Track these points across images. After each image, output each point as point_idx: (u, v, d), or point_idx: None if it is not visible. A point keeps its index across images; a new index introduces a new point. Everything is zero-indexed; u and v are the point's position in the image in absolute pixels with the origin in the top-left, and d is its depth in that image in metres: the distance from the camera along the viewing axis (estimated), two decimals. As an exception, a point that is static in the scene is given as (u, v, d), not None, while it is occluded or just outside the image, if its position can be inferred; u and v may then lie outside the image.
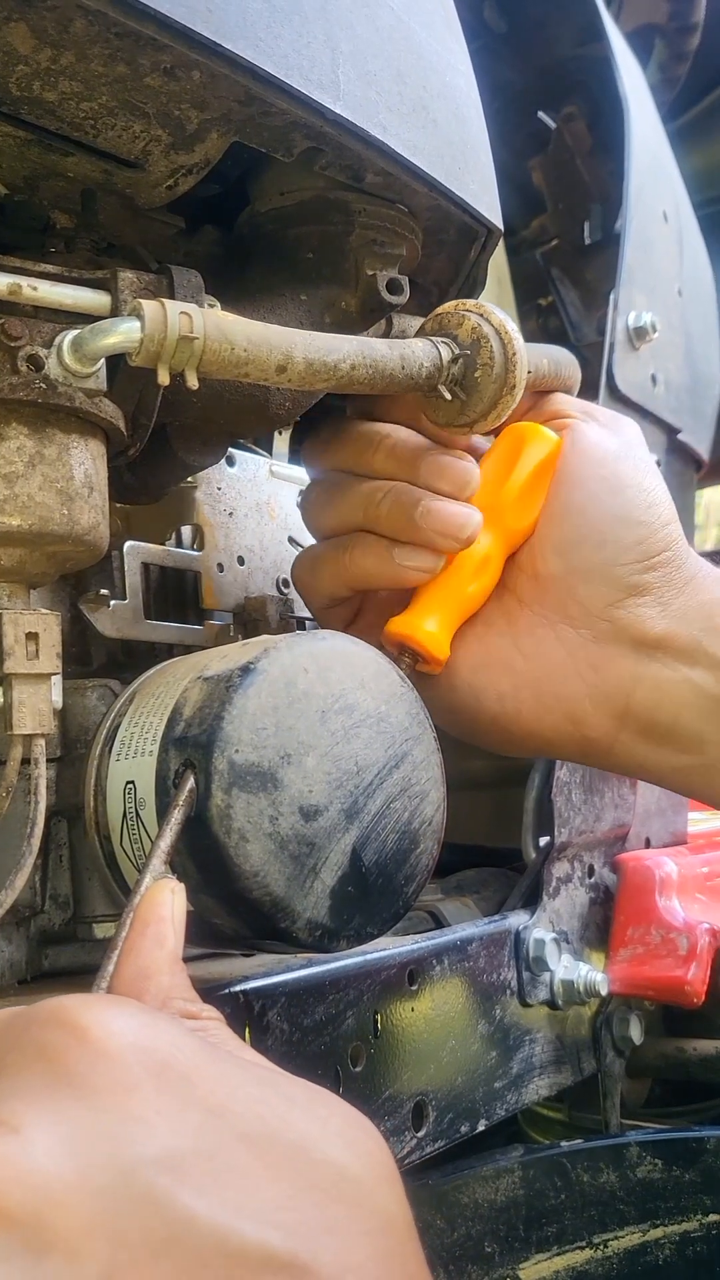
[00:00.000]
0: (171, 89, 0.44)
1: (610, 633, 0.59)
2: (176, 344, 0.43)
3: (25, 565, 0.47)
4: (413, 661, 0.59)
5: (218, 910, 0.44)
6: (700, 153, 1.34)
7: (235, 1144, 0.30)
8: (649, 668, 0.59)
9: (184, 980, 0.38)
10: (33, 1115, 0.29)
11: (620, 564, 0.59)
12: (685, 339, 0.95)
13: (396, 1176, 0.33)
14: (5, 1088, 0.30)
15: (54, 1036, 0.31)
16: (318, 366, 0.47)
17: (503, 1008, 0.68)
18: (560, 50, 1.02)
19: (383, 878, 0.46)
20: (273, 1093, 0.32)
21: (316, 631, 0.49)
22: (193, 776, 0.43)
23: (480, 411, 0.55)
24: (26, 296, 0.45)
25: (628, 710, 0.59)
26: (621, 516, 0.60)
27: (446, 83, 0.56)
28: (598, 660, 0.59)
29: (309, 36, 0.47)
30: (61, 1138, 0.28)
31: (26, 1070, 0.30)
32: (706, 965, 0.76)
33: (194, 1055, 0.32)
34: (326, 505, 0.61)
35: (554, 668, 0.60)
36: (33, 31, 0.41)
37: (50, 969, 0.53)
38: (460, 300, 0.56)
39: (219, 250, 0.59)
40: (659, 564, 0.60)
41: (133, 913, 0.39)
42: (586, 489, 0.61)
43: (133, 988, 0.37)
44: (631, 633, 0.59)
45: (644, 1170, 0.72)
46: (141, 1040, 0.31)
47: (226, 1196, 0.28)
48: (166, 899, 0.39)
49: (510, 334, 0.54)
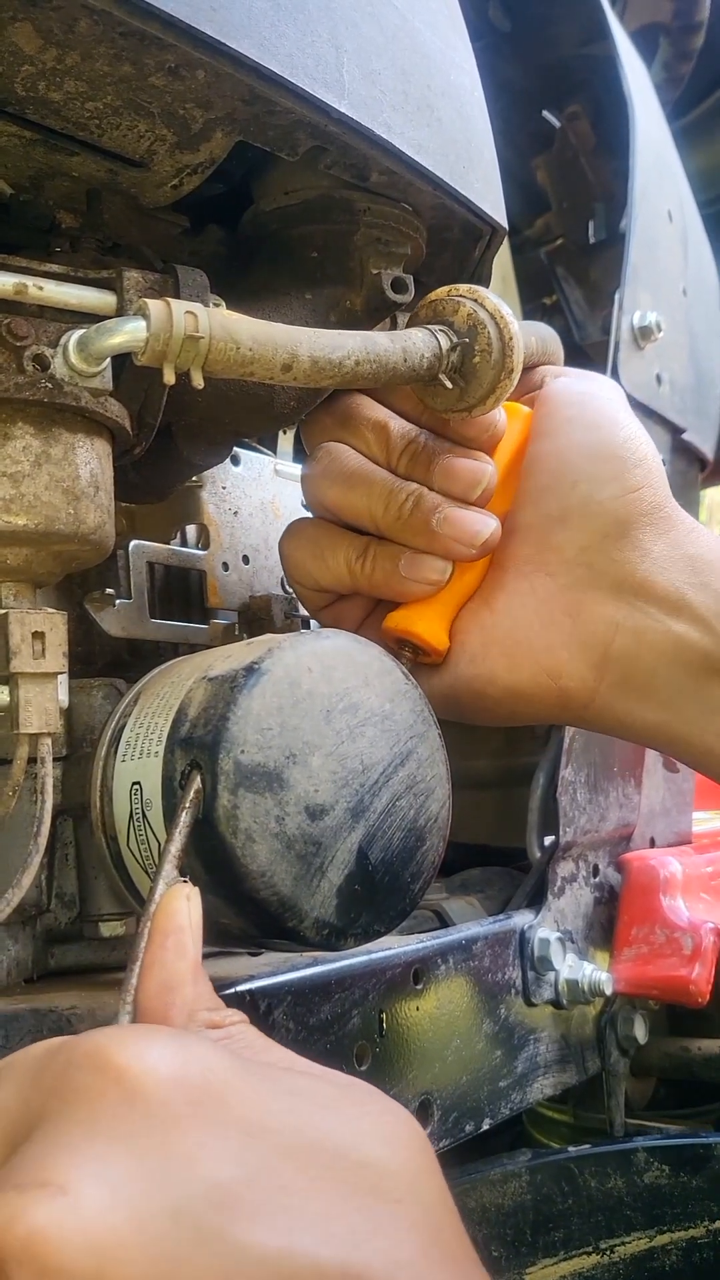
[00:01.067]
0: (176, 88, 0.44)
1: (588, 578, 0.57)
2: (182, 343, 0.43)
3: (31, 564, 0.47)
4: (413, 655, 0.58)
5: (225, 910, 0.44)
6: (705, 151, 1.34)
7: (277, 1162, 0.30)
8: (629, 615, 0.57)
9: (207, 988, 0.38)
10: (79, 1171, 0.29)
11: (596, 500, 0.57)
12: (690, 338, 0.95)
13: (434, 1160, 0.34)
14: (49, 1141, 0.30)
15: (91, 1080, 0.31)
16: (323, 364, 0.48)
17: (507, 1007, 0.68)
18: (564, 49, 1.02)
19: (389, 875, 0.46)
20: (305, 1101, 0.33)
21: (320, 631, 0.49)
22: (199, 778, 0.43)
23: (479, 396, 0.55)
24: (32, 296, 0.45)
25: (606, 659, 0.57)
26: (594, 453, 0.58)
27: (451, 81, 0.56)
28: (574, 606, 0.57)
29: (313, 35, 0.47)
30: (111, 1190, 0.29)
31: (67, 1120, 0.30)
32: (711, 965, 0.76)
33: (226, 1075, 0.32)
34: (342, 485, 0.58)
35: (527, 618, 0.58)
36: (38, 31, 0.41)
37: (56, 967, 0.53)
38: (453, 285, 0.55)
39: (224, 250, 0.59)
40: (636, 501, 0.57)
41: (150, 922, 0.39)
42: (557, 433, 0.59)
43: (158, 1002, 0.37)
44: (610, 577, 0.57)
45: (651, 1176, 0.72)
46: (175, 1072, 0.31)
47: (276, 1221, 0.29)
48: (183, 906, 0.39)
49: (505, 319, 0.54)
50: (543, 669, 0.58)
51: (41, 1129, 0.31)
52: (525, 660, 0.58)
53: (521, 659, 0.58)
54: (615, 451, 0.58)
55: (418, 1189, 0.32)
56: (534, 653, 0.58)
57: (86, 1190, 0.28)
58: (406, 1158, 0.32)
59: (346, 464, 0.58)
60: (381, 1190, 0.31)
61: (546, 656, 0.57)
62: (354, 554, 0.58)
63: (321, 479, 0.58)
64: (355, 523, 0.58)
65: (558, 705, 0.59)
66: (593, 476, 0.58)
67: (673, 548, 0.57)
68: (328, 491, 0.58)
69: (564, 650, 0.57)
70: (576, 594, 0.57)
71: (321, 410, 0.60)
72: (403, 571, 0.57)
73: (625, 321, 0.84)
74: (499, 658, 0.58)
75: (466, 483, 0.56)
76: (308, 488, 0.60)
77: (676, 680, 0.57)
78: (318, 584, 0.60)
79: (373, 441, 0.58)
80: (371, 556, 0.58)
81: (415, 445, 0.57)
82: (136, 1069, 0.31)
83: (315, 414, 0.60)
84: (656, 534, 0.57)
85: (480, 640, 0.58)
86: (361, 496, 0.57)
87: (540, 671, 0.58)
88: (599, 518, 0.57)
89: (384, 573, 0.57)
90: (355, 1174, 0.31)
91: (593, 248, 1.07)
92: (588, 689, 0.58)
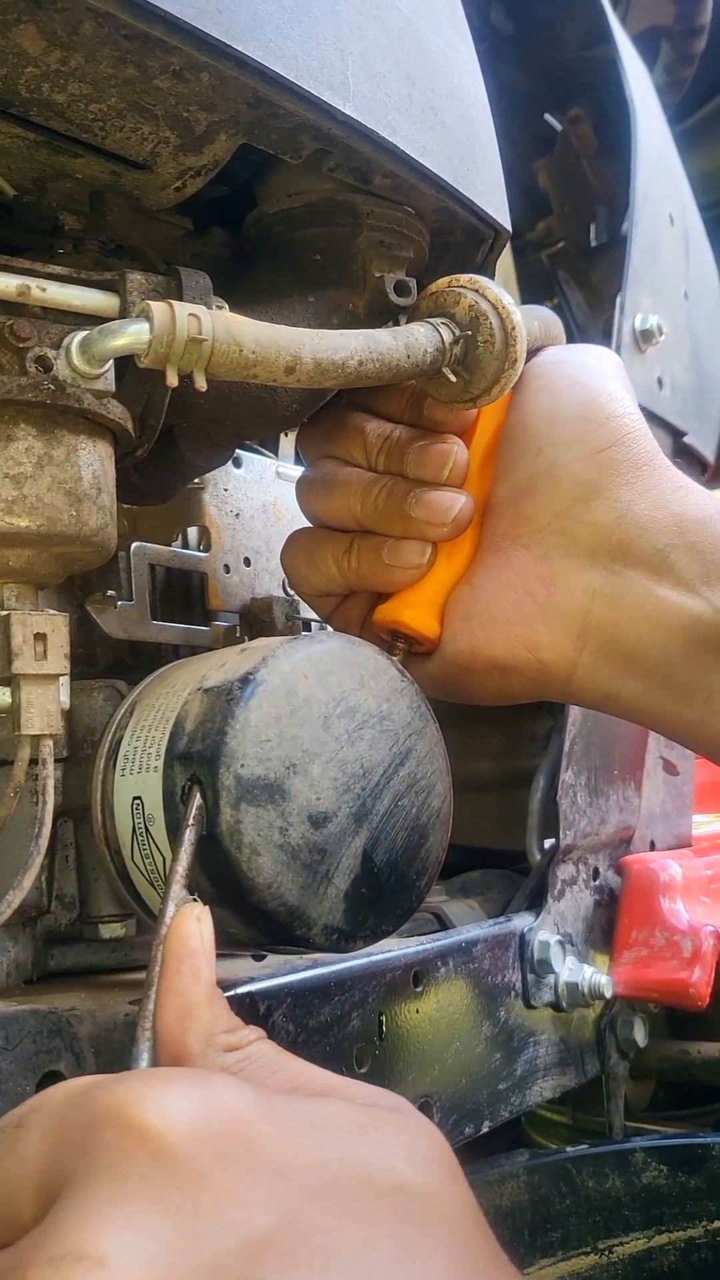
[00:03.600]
0: (180, 91, 0.44)
1: (562, 546, 0.56)
2: (185, 345, 0.43)
3: (33, 566, 0.47)
4: (406, 646, 0.59)
5: (233, 921, 0.44)
6: (706, 155, 1.34)
7: (307, 1205, 0.31)
8: (607, 581, 0.55)
9: (224, 1011, 0.38)
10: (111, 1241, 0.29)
11: (561, 464, 0.56)
12: (691, 341, 0.95)
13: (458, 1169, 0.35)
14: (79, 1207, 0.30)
15: (115, 1139, 0.31)
16: (326, 365, 0.47)
17: (507, 1010, 0.68)
18: (566, 52, 1.02)
19: (395, 875, 0.46)
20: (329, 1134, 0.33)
21: (314, 634, 0.49)
22: (200, 793, 0.43)
23: (483, 387, 0.55)
24: (35, 298, 0.45)
25: (585, 628, 0.55)
26: (558, 416, 0.57)
27: (455, 84, 0.56)
28: (548, 575, 0.56)
29: (318, 38, 0.47)
30: (146, 1258, 0.29)
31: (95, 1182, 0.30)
32: (711, 968, 0.76)
33: (249, 1118, 0.32)
34: (323, 493, 0.60)
35: (503, 591, 0.57)
36: (42, 33, 0.41)
37: (56, 969, 0.53)
38: (453, 276, 0.55)
39: (227, 252, 0.59)
40: (608, 460, 0.55)
41: (163, 945, 0.39)
42: (522, 404, 0.59)
43: (177, 1029, 0.37)
44: (585, 542, 0.55)
45: (649, 1176, 0.72)
46: (198, 1124, 0.31)
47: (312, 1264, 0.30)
48: (194, 930, 0.39)
49: (507, 308, 0.54)
50: (520, 641, 0.56)
51: (70, 1191, 0.30)
52: (502, 633, 0.57)
53: (498, 632, 0.57)
54: (579, 412, 0.57)
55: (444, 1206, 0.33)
56: (510, 625, 0.57)
57: (122, 1260, 0.28)
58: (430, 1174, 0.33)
59: (329, 473, 0.60)
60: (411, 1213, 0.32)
61: (523, 628, 0.56)
62: (340, 551, 0.59)
63: (307, 492, 0.61)
64: (341, 525, 0.60)
65: (539, 677, 0.57)
66: (556, 440, 0.57)
67: (656, 507, 0.55)
68: (314, 502, 0.60)
69: (540, 621, 0.56)
70: (552, 563, 0.56)
71: (309, 427, 0.62)
72: (386, 560, 0.57)
73: (626, 324, 0.84)
74: (477, 631, 0.57)
75: (436, 465, 0.57)
76: (300, 504, 0.62)
77: (662, 648, 0.54)
78: (315, 588, 0.61)
79: (353, 448, 0.59)
80: (356, 551, 0.59)
81: (390, 441, 0.58)
82: (159, 1126, 0.31)
83: (305, 432, 0.62)
84: (637, 492, 0.55)
85: (461, 616, 0.58)
86: (342, 498, 0.59)
87: (518, 644, 0.57)
88: (566, 482, 0.56)
89: (369, 563, 0.58)
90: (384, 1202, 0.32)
91: (594, 251, 1.07)
92: (568, 660, 0.56)
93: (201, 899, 0.41)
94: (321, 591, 0.61)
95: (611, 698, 0.57)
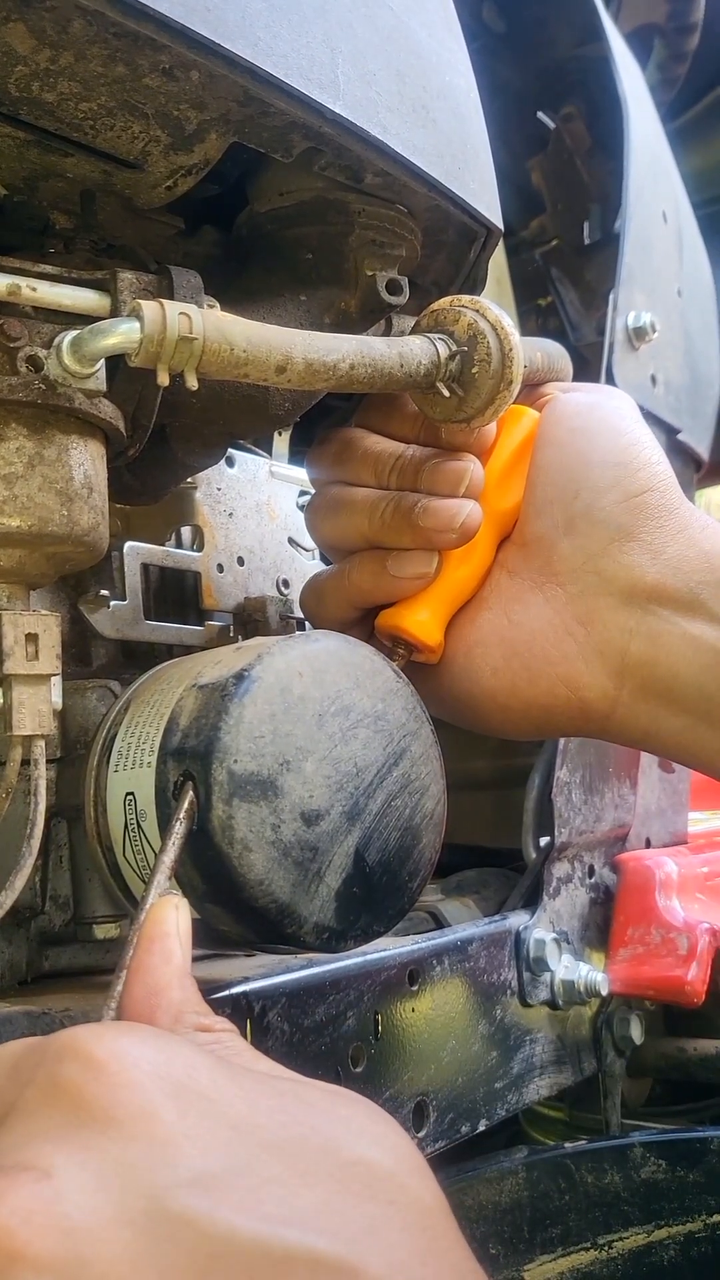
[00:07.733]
0: (170, 89, 0.44)
1: (598, 585, 0.57)
2: (176, 344, 0.43)
3: (25, 566, 0.47)
4: (407, 653, 0.58)
5: (225, 918, 0.44)
6: (699, 153, 1.34)
7: (265, 1155, 0.30)
8: (643, 620, 0.57)
9: (194, 994, 0.38)
10: (61, 1156, 0.28)
11: (598, 508, 0.57)
12: (685, 339, 0.95)
13: (425, 1165, 0.33)
14: (30, 1129, 0.30)
15: (70, 1071, 0.30)
16: (317, 366, 0.47)
17: (503, 1008, 0.68)
18: (559, 50, 1.02)
19: (387, 875, 0.46)
20: (293, 1101, 0.32)
21: (310, 633, 0.49)
22: (192, 788, 0.43)
23: (477, 407, 0.55)
24: (26, 297, 0.44)
25: (624, 667, 0.57)
26: (594, 460, 0.58)
27: (446, 82, 0.56)
28: (586, 615, 0.57)
29: (308, 36, 0.47)
30: (93, 1175, 0.28)
31: (48, 1109, 0.30)
32: (706, 965, 0.76)
33: (211, 1073, 0.32)
34: (331, 515, 0.60)
35: (543, 629, 0.58)
36: (31, 32, 0.41)
37: (50, 970, 0.53)
38: (455, 296, 0.56)
39: (218, 251, 0.59)
40: (641, 505, 0.57)
41: (138, 931, 0.39)
42: (558, 444, 0.60)
43: (144, 1006, 0.37)
44: (620, 583, 0.57)
45: (648, 1171, 0.72)
46: (157, 1065, 0.31)
47: (265, 1208, 0.28)
48: (170, 914, 0.39)
49: (506, 330, 0.54)
50: (561, 680, 0.58)
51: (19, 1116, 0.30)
52: (543, 671, 0.58)
53: (539, 670, 0.58)
54: (616, 459, 0.58)
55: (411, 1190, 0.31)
56: (551, 663, 0.58)
57: (70, 1176, 0.28)
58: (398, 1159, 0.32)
59: (337, 495, 0.60)
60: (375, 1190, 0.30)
61: (564, 666, 0.58)
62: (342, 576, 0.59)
63: (315, 514, 0.61)
64: (350, 546, 0.60)
65: (580, 716, 0.59)
66: (594, 485, 0.58)
67: (684, 547, 0.57)
68: (322, 524, 0.61)
69: (580, 660, 0.58)
70: (588, 602, 0.58)
71: (317, 450, 0.62)
72: (390, 570, 0.57)
73: (620, 322, 0.84)
74: (520, 670, 0.58)
75: (451, 482, 0.57)
76: (309, 528, 0.62)
77: (700, 683, 0.56)
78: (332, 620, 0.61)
79: (363, 470, 0.59)
80: (357, 564, 0.59)
81: (403, 460, 0.59)
82: (115, 1062, 0.30)
83: (312, 456, 0.62)
84: (667, 536, 0.57)
85: (501, 654, 0.59)
86: (349, 515, 0.59)
87: (558, 682, 0.58)
88: (603, 525, 0.57)
89: (371, 575, 0.58)
90: (347, 1172, 0.30)
91: (588, 249, 1.07)
92: (608, 698, 0.58)
93: (192, 895, 0.41)
94: (336, 622, 0.61)
95: (651, 735, 0.59)
